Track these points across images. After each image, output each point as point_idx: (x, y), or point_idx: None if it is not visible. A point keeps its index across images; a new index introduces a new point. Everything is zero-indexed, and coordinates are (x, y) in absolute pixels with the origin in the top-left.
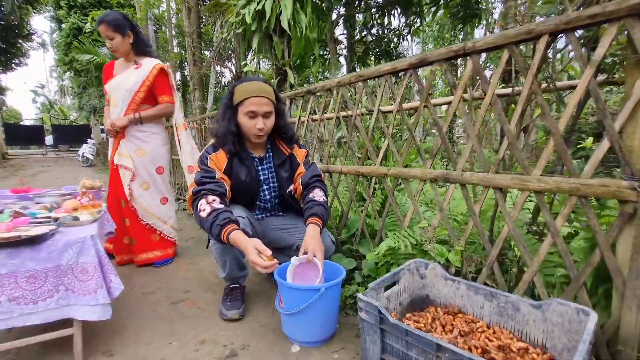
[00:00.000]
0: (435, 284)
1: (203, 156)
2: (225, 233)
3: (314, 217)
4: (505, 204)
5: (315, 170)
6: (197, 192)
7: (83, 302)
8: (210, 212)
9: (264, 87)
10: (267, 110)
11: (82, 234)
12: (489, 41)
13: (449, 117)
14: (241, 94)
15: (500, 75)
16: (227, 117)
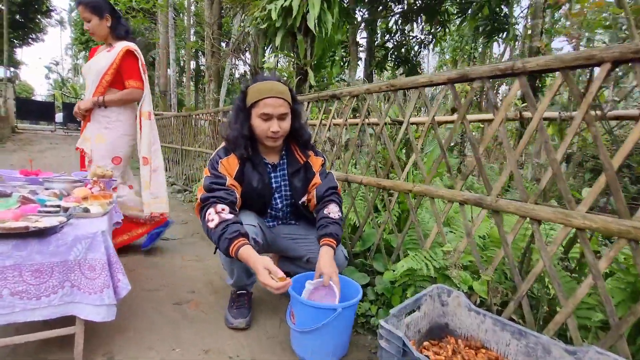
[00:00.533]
0: (457, 313)
1: (214, 160)
2: (234, 248)
3: (328, 237)
4: (542, 237)
5: (331, 182)
6: (205, 199)
7: (88, 300)
8: (218, 223)
9: (279, 87)
10: (283, 112)
11: (92, 229)
12: (541, 63)
13: (488, 138)
14: (255, 95)
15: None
16: (240, 120)
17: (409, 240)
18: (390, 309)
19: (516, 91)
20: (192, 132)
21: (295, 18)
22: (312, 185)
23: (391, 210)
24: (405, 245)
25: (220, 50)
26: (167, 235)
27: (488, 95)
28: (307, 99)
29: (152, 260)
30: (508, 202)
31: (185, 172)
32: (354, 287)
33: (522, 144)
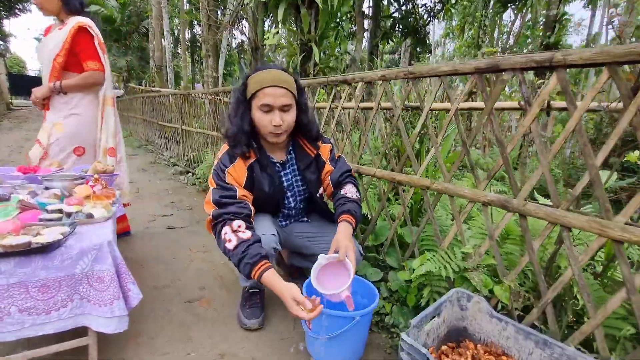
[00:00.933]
0: (477, 318)
1: (219, 169)
2: (256, 273)
3: (346, 214)
4: (572, 245)
5: (344, 166)
6: (218, 216)
7: (98, 312)
8: (237, 244)
9: (281, 76)
10: (285, 103)
11: (98, 239)
12: (586, 56)
13: (518, 136)
14: (255, 85)
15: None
16: (240, 114)
17: (423, 235)
18: (413, 308)
19: (554, 86)
20: (191, 111)
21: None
22: (326, 174)
23: (405, 205)
24: (419, 241)
25: (217, 23)
26: (173, 223)
27: (521, 89)
28: (315, 83)
29: (161, 254)
30: (537, 207)
31: (187, 154)
32: (371, 291)
33: (558, 144)
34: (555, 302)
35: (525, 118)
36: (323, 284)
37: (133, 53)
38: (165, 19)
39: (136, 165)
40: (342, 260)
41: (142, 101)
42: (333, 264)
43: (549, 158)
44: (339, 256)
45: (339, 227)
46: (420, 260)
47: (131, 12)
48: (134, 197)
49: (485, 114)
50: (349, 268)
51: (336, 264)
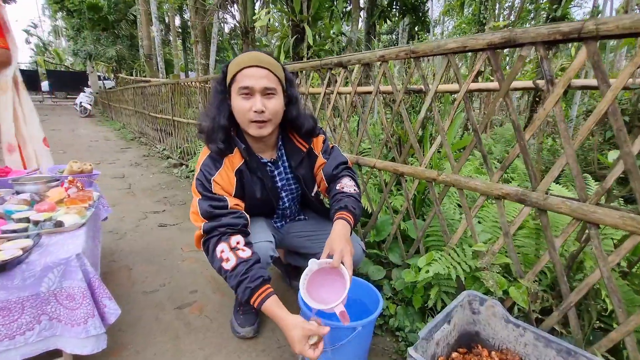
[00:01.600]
0: (490, 323)
1: (203, 179)
2: (257, 300)
3: (343, 211)
4: (601, 244)
5: (338, 157)
6: (210, 229)
7: (71, 334)
8: (236, 264)
9: (262, 57)
10: (267, 86)
11: (64, 253)
12: (624, 24)
13: (539, 121)
14: (233, 68)
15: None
16: (216, 104)
17: (429, 230)
18: (419, 309)
19: (583, 60)
20: (182, 101)
21: None
22: (318, 168)
23: (409, 198)
24: (424, 236)
25: (204, 6)
26: (165, 220)
27: (542, 66)
28: (308, 67)
29: (151, 254)
30: (561, 201)
31: (180, 145)
32: (373, 296)
33: (586, 129)
34: (578, 304)
35: (547, 100)
36: (315, 293)
37: (122, 42)
38: (153, 4)
39: (129, 159)
40: (336, 266)
41: (133, 92)
42: (326, 270)
43: (575, 146)
44: (333, 261)
45: (334, 226)
46: (426, 259)
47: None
48: (126, 194)
49: (500, 96)
50: (345, 276)
51: (329, 270)
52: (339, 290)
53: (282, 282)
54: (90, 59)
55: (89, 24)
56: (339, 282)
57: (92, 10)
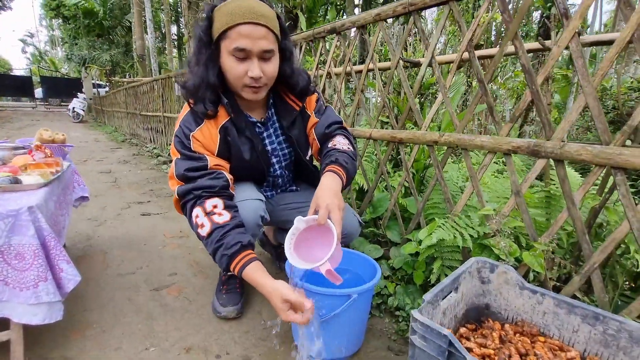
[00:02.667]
0: (502, 292)
1: (182, 136)
2: (237, 267)
3: (332, 164)
4: (629, 191)
5: (331, 117)
6: (185, 192)
7: (20, 299)
8: (211, 230)
9: (260, 8)
10: (266, 48)
11: (15, 205)
12: None
13: (551, 62)
14: (224, 19)
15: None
16: (204, 61)
17: (429, 204)
18: (421, 286)
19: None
20: (173, 96)
21: None
22: (310, 128)
23: (408, 168)
24: (424, 210)
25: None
26: (149, 210)
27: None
28: (299, 39)
29: (130, 240)
30: (580, 147)
31: (170, 142)
32: (369, 266)
33: (607, 62)
34: (603, 266)
35: (561, 36)
36: (304, 255)
37: (117, 48)
38: (147, 5)
39: (117, 157)
40: (322, 223)
41: (125, 93)
42: (315, 228)
43: (595, 82)
44: (318, 217)
45: (321, 179)
46: (429, 228)
47: (113, 5)
48: (111, 187)
49: (509, 37)
50: (333, 231)
51: (318, 228)
52: (326, 246)
53: (272, 265)
54: (84, 64)
55: (84, 30)
56: (326, 239)
57: (87, 16)
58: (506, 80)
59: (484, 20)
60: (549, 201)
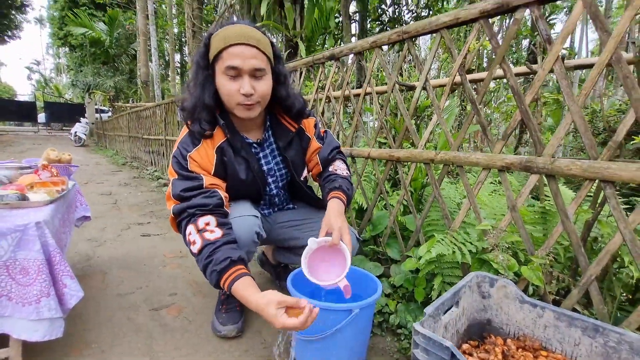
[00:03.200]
0: (503, 307)
1: (179, 155)
2: (226, 282)
3: (337, 191)
4: (619, 203)
5: (332, 142)
6: (180, 211)
7: (22, 314)
8: (201, 247)
9: (250, 32)
10: (257, 67)
11: (23, 220)
12: None
13: (538, 83)
14: (218, 43)
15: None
16: (200, 82)
17: (428, 221)
18: (422, 304)
19: (579, 14)
20: (175, 120)
21: None
22: (313, 152)
23: (406, 186)
24: (423, 227)
25: (202, 30)
26: (149, 231)
27: (538, 26)
28: (300, 65)
29: (130, 260)
30: (570, 162)
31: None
32: (371, 282)
33: (590, 82)
34: (601, 279)
35: (546, 59)
36: (314, 274)
37: (122, 75)
38: (153, 33)
39: (118, 180)
40: (336, 243)
41: (127, 117)
42: (324, 249)
43: (580, 101)
44: (332, 239)
45: (329, 204)
46: (428, 244)
47: (120, 35)
48: (111, 208)
49: (497, 62)
50: (345, 252)
51: (328, 249)
52: (339, 266)
53: (271, 285)
54: (88, 90)
55: (90, 58)
56: (339, 260)
57: (94, 44)
58: (500, 104)
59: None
60: (545, 217)
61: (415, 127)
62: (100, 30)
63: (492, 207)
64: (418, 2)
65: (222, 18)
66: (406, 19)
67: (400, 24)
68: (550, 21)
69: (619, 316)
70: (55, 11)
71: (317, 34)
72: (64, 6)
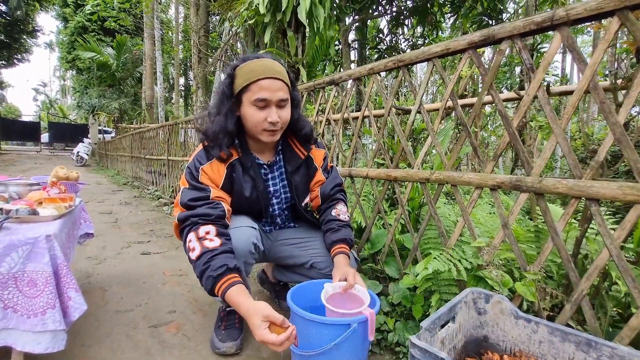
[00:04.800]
0: (499, 322)
1: (193, 167)
2: (220, 289)
3: (342, 244)
4: (604, 220)
5: (336, 178)
6: (184, 219)
7: (26, 326)
8: (200, 254)
9: (276, 67)
10: (283, 98)
11: (34, 233)
12: (591, 7)
13: (523, 108)
14: (246, 77)
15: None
16: (225, 111)
17: (425, 240)
18: (420, 322)
19: (558, 46)
20: (178, 141)
21: (285, 12)
22: (316, 183)
23: (404, 205)
24: (420, 246)
25: (207, 56)
26: (149, 249)
27: (521, 56)
28: (302, 89)
29: (130, 278)
30: (556, 181)
31: (172, 185)
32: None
33: (571, 107)
34: (593, 296)
35: (529, 87)
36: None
37: (126, 97)
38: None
39: (119, 199)
40: (352, 285)
41: (131, 138)
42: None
43: (562, 124)
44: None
45: (338, 259)
46: (424, 262)
47: (126, 59)
48: (111, 227)
49: (485, 89)
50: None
51: (342, 295)
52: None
53: (271, 303)
54: (93, 111)
55: (97, 81)
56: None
57: (101, 68)
58: (496, 128)
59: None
60: (538, 235)
61: (412, 149)
62: (107, 54)
63: (487, 226)
64: (414, 32)
65: (227, 45)
66: (403, 47)
67: (397, 51)
68: (541, 49)
69: (611, 331)
70: (65, 36)
71: (318, 60)
72: (74, 32)
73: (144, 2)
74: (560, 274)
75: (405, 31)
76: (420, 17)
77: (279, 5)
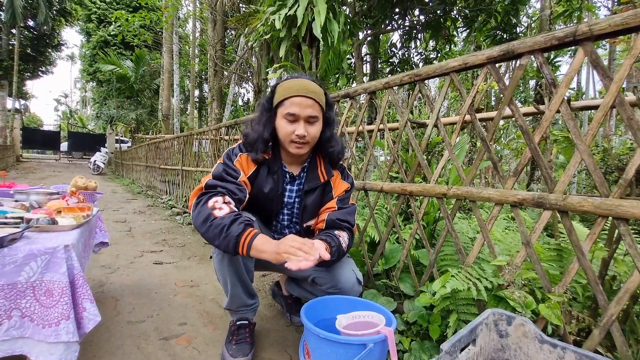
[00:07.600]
0: (522, 346)
1: (231, 152)
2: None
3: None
4: (634, 240)
5: (349, 215)
6: (212, 186)
7: (40, 336)
8: (229, 212)
9: (310, 86)
10: (311, 115)
11: (53, 243)
12: (615, 22)
13: (545, 123)
14: (283, 93)
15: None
16: (263, 121)
17: (441, 256)
18: (438, 343)
19: (581, 62)
20: (192, 151)
21: (300, 28)
22: (325, 209)
23: (419, 219)
24: (437, 262)
25: (223, 69)
26: (162, 259)
27: (543, 72)
28: None
29: (142, 288)
30: (582, 199)
31: (185, 194)
32: (385, 316)
33: (596, 122)
34: (623, 320)
35: (552, 102)
36: None
37: (144, 108)
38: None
39: (133, 208)
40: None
41: (146, 148)
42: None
43: (587, 141)
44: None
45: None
46: (442, 279)
47: (145, 72)
48: (125, 236)
49: (505, 103)
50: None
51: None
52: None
53: (281, 318)
54: (111, 122)
55: (116, 93)
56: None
57: (120, 80)
58: (509, 141)
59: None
60: (560, 254)
61: (427, 162)
62: (127, 67)
63: (506, 243)
64: (426, 46)
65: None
66: (415, 61)
67: (409, 65)
68: (556, 63)
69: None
70: (87, 50)
71: (331, 73)
72: (96, 45)
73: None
74: (585, 296)
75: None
76: (434, 31)
77: (294, 20)
